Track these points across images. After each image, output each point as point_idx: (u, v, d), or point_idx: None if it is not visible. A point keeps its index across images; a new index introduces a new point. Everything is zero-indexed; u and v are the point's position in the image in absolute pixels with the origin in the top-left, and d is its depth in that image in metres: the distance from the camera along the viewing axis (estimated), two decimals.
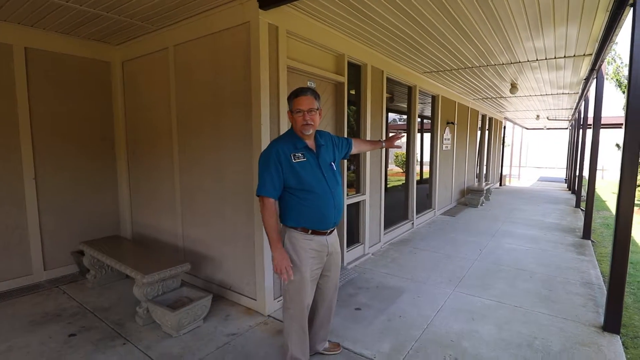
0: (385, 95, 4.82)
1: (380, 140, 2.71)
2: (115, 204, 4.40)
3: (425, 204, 6.96)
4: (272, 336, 2.72)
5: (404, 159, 6.51)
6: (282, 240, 2.05)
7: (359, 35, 3.85)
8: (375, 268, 4.17)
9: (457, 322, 2.94)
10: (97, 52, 4.06)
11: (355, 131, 4.48)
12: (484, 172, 11.36)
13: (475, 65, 5.23)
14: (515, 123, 15.38)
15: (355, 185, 4.54)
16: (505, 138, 18.27)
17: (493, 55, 4.68)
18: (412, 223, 6.04)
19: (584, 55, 4.57)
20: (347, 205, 4.18)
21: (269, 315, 3.03)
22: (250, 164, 2.94)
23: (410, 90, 5.81)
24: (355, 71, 4.33)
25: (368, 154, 4.51)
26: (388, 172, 5.81)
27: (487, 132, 11.20)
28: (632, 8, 2.68)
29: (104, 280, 3.69)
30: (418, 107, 5.92)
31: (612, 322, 2.76)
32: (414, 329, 2.83)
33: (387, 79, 4.94)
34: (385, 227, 5.24)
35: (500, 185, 13.35)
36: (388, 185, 5.75)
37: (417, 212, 6.38)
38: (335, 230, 2.25)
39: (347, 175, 4.39)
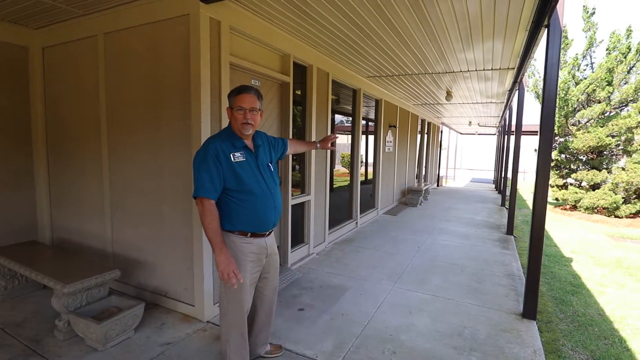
0: (330, 97, 4.89)
1: (314, 142, 2.72)
2: (32, 206, 3.93)
3: (369, 203, 7.19)
4: (211, 343, 2.61)
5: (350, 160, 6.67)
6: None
7: (304, 36, 3.86)
8: (320, 268, 4.21)
9: (396, 316, 3.07)
10: (12, 35, 3.59)
11: (301, 131, 4.49)
12: (423, 173, 12.05)
13: (415, 73, 5.52)
14: (451, 128, 16.55)
15: (301, 185, 4.54)
16: (442, 142, 19.52)
17: (430, 64, 4.98)
18: (356, 223, 6.21)
19: (508, 68, 5.04)
20: (292, 205, 4.17)
21: (207, 322, 2.91)
22: (190, 163, 2.79)
23: (355, 93, 5.97)
24: (301, 72, 4.34)
25: (313, 154, 4.54)
26: (335, 173, 5.90)
27: (426, 135, 11.89)
28: (546, 29, 3.00)
29: (17, 292, 3.27)
30: (362, 110, 6.10)
31: (530, 310, 3.06)
32: (355, 326, 2.90)
33: (333, 81, 5.02)
34: (330, 226, 5.31)
35: (438, 185, 14.27)
36: (334, 186, 5.84)
37: (361, 212, 6.57)
38: (273, 231, 2.21)
39: (293, 176, 4.38)
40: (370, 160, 7.91)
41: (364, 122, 7.08)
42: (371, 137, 7.91)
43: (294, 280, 3.82)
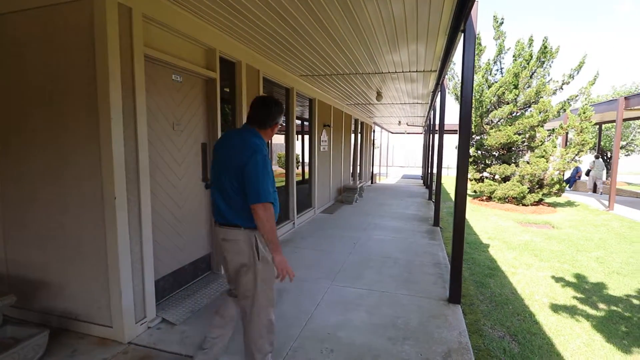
0: (262, 95, 4.76)
1: None
2: None
3: (306, 203, 7.18)
4: None
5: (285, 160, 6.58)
6: (254, 244, 1.99)
7: (232, 31, 3.69)
8: None
9: (333, 314, 3.07)
10: None
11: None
12: (358, 171, 12.44)
13: (346, 73, 5.63)
14: (382, 127, 17.34)
15: None
16: (375, 141, 20.34)
17: (360, 65, 5.11)
18: (294, 223, 6.15)
19: (431, 70, 5.37)
20: None
21: (129, 343, 2.62)
22: (99, 167, 2.49)
23: (288, 92, 5.90)
24: (230, 68, 4.15)
25: None
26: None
27: (359, 135, 12.28)
28: (462, 34, 3.23)
29: None
30: (297, 110, 6.05)
31: (455, 295, 3.28)
32: (293, 328, 2.83)
33: (264, 79, 4.90)
34: None
35: (372, 183, 14.85)
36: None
37: (298, 212, 6.54)
38: None
39: None
40: (307, 159, 7.91)
41: (299, 121, 7.06)
42: (308, 137, 7.92)
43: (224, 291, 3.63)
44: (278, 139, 6.99)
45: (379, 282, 3.79)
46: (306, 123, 7.61)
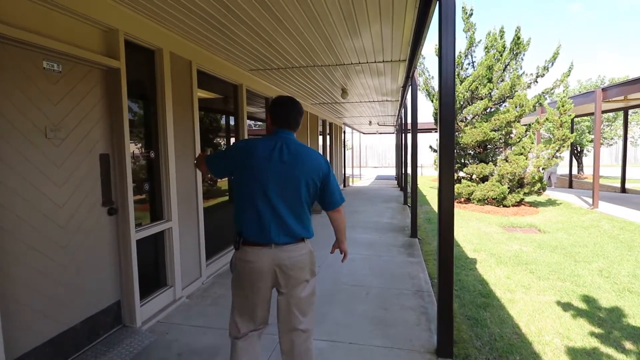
0: (195, 92, 3.83)
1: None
2: None
3: None
4: None
5: None
6: (313, 254, 1.94)
7: (145, 9, 2.77)
8: (187, 320, 3.13)
9: None
10: None
11: (153, 137, 3.33)
12: None
13: (303, 65, 4.79)
14: (353, 128, 16.65)
15: (154, 210, 3.38)
16: (347, 142, 19.66)
17: (317, 55, 4.28)
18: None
19: (399, 60, 4.61)
20: (139, 240, 3.00)
21: None
22: None
23: (235, 89, 4.98)
24: (146, 57, 3.20)
25: (173, 164, 3.44)
26: (217, 186, 4.83)
27: (328, 136, 11.48)
28: (437, 4, 2.45)
29: None
30: (246, 109, 5.14)
31: (445, 347, 2.48)
32: None
33: (201, 72, 3.97)
34: (210, 255, 4.25)
35: (345, 186, 14.09)
36: (216, 201, 4.77)
37: None
38: None
39: (141, 197, 3.21)
40: None
41: (251, 122, 6.14)
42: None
43: (142, 349, 2.67)
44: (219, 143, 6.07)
45: (347, 327, 2.95)
46: (262, 124, 6.69)
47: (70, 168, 2.49)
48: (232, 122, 5.01)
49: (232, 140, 5.04)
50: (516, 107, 8.75)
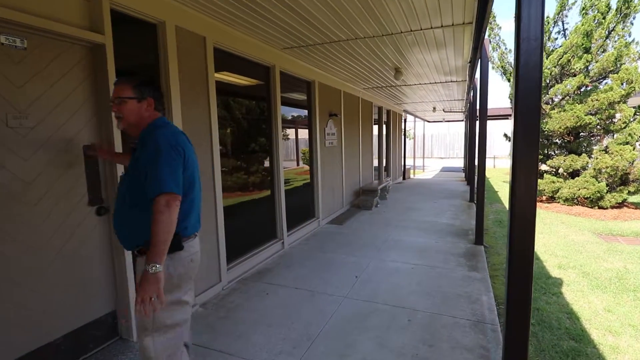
0: (211, 74, 3.35)
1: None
2: None
3: (306, 213, 5.71)
4: None
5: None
6: None
7: None
8: (194, 335, 2.69)
9: None
10: None
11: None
12: (384, 167, 10.71)
13: (342, 39, 4.05)
14: (416, 116, 15.32)
15: None
16: (409, 131, 18.37)
17: (357, 24, 3.53)
18: (283, 242, 4.71)
19: (463, 23, 3.64)
20: None
21: None
22: None
23: (267, 71, 4.44)
24: (143, 32, 2.77)
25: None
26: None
27: (384, 125, 10.53)
28: None
29: None
30: (279, 95, 4.58)
31: None
32: None
33: (220, 51, 3.48)
34: (233, 257, 3.81)
35: (404, 179, 13.01)
36: (245, 198, 4.33)
37: (297, 224, 5.11)
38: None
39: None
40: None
41: (296, 110, 5.59)
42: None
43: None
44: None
45: None
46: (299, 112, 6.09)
47: (40, 163, 2.13)
48: (263, 110, 4.49)
49: (263, 130, 4.53)
50: (622, 83, 6.94)
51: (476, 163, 5.62)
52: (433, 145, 28.37)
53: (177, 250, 1.63)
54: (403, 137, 13.68)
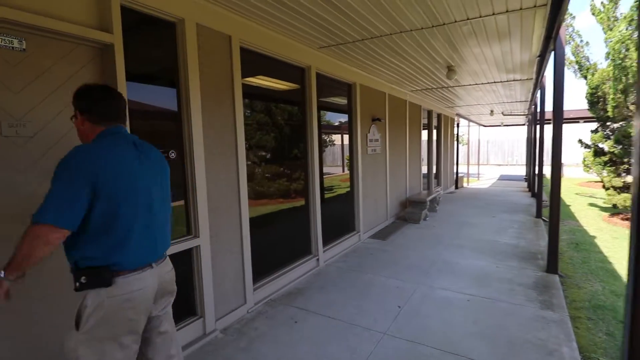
0: (237, 76, 3.05)
1: None
2: None
3: (345, 226, 5.25)
4: None
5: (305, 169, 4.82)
6: None
7: None
8: None
9: None
10: None
11: (174, 133, 2.67)
12: (434, 175, 9.89)
13: (385, 34, 3.58)
14: (470, 120, 14.18)
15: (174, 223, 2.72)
16: (463, 136, 17.12)
17: (402, 14, 3.05)
18: (317, 259, 4.29)
19: (534, 6, 2.99)
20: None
21: None
22: None
23: (303, 73, 4.09)
24: (160, 31, 2.54)
25: (201, 165, 2.72)
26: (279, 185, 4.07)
27: (435, 130, 9.75)
28: None
29: None
30: (316, 99, 4.20)
31: None
32: None
33: (247, 50, 3.19)
34: (261, 276, 3.47)
35: (457, 188, 12.00)
36: (275, 208, 4.00)
37: (329, 241, 4.67)
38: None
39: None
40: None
41: (340, 116, 5.19)
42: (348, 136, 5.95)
43: None
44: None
45: None
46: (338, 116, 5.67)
47: (43, 173, 1.93)
48: (297, 115, 4.14)
49: (298, 136, 4.17)
50: None
51: (544, 172, 4.77)
52: (489, 151, 26.42)
53: (101, 285, 1.40)
54: (455, 142, 12.69)
